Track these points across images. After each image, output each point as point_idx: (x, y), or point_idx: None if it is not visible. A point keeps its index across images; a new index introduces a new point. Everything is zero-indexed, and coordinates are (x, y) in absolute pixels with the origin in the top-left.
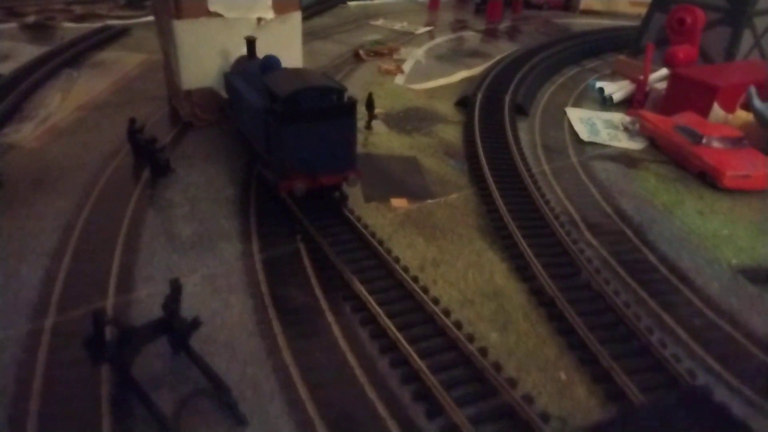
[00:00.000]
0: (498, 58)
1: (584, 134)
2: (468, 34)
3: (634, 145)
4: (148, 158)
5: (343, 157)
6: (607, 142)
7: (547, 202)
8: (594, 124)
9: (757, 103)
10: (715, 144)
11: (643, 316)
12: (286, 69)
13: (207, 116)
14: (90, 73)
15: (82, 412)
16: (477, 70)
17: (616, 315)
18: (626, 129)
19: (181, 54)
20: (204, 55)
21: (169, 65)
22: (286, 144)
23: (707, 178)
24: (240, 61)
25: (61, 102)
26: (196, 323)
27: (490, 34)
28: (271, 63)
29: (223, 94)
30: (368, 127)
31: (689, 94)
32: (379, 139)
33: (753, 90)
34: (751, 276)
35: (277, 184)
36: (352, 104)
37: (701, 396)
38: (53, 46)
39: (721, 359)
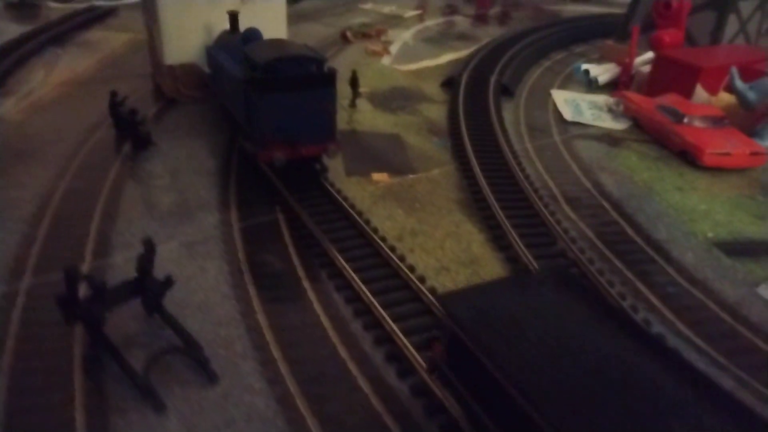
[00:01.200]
0: (486, 41)
1: (568, 114)
2: (458, 19)
3: (618, 125)
4: (129, 131)
5: (323, 127)
6: (591, 122)
7: (526, 177)
8: (578, 105)
9: (739, 83)
10: (697, 123)
11: (617, 284)
12: (266, 40)
13: (190, 92)
14: (75, 51)
15: (54, 369)
16: (464, 52)
17: (590, 282)
18: (610, 110)
19: (165, 29)
20: (187, 30)
21: (153, 42)
22: (265, 112)
23: (688, 157)
24: (223, 35)
25: (45, 78)
26: (168, 282)
27: (480, 19)
28: (252, 35)
29: (206, 69)
30: (352, 105)
31: (673, 76)
32: (363, 117)
33: (734, 71)
34: (726, 248)
35: (257, 154)
36: (331, 74)
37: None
38: (38, 25)
39: (690, 324)
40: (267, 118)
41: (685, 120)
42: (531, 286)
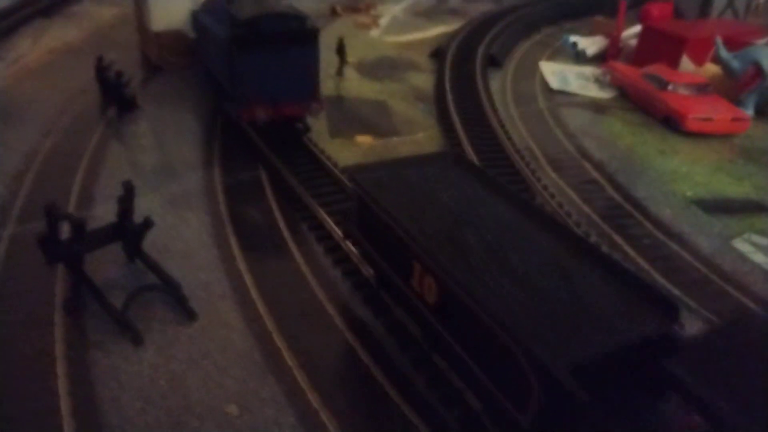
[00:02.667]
0: (476, 16)
1: (555, 84)
2: None
3: (604, 94)
4: (115, 94)
5: (305, 86)
6: (577, 91)
7: (509, 138)
8: (566, 76)
9: (724, 53)
10: (680, 90)
11: (593, 235)
12: None
13: (176, 59)
14: (63, 22)
15: (35, 306)
16: (454, 26)
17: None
18: (597, 80)
19: None
20: None
21: (139, 10)
22: (246, 70)
23: (671, 123)
24: (208, 1)
25: (33, 45)
26: (147, 224)
27: None
28: None
29: (192, 35)
30: (339, 73)
31: (659, 47)
32: (350, 85)
33: (719, 40)
34: (703, 205)
35: (239, 113)
36: (314, 30)
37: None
38: None
39: (664, 272)
40: (249, 75)
41: (669, 87)
42: (430, 163)
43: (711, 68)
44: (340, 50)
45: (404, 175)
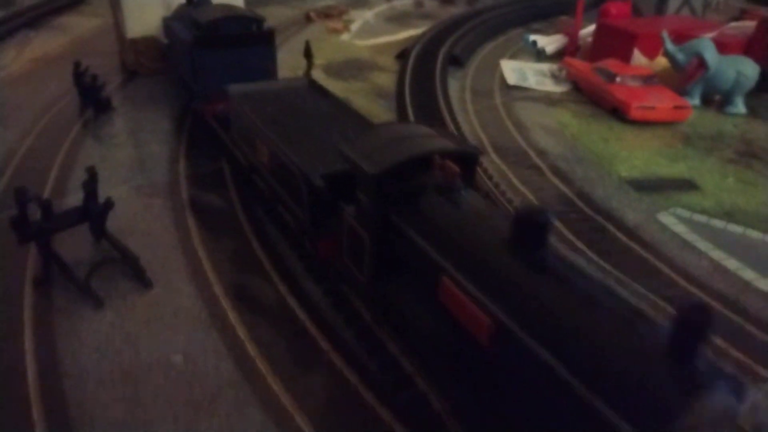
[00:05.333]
0: (445, 18)
1: (512, 80)
2: (427, 0)
3: (559, 89)
4: (91, 97)
5: None
6: (534, 87)
7: (458, 128)
8: (524, 73)
9: (669, 46)
10: (627, 82)
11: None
12: (213, 4)
13: (151, 64)
14: (47, 33)
15: (7, 281)
16: (423, 29)
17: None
18: (553, 76)
19: (125, 3)
20: (147, 4)
21: (116, 18)
22: (208, 68)
23: (618, 113)
24: (179, 8)
25: (17, 56)
26: (108, 204)
27: (447, 1)
28: (203, 2)
29: (164, 41)
30: (307, 74)
31: (613, 43)
32: None
33: (665, 34)
34: (635, 184)
35: (202, 109)
36: (270, 32)
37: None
38: (11, 10)
39: (587, 243)
40: (210, 73)
41: (617, 79)
42: (290, 84)
43: (661, 62)
44: (307, 53)
45: (267, 91)
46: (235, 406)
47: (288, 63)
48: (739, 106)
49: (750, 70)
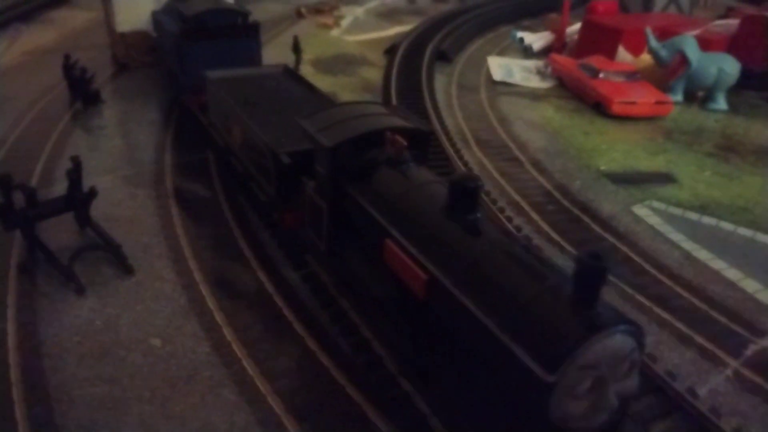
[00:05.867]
0: (435, 15)
1: (498, 75)
2: None
3: (544, 84)
4: (80, 89)
5: None
6: (519, 83)
7: (441, 121)
8: (510, 69)
9: (653, 42)
10: (611, 77)
11: (498, 199)
12: None
13: (140, 57)
14: (38, 27)
15: None
16: (413, 25)
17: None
18: (539, 72)
19: None
20: None
21: (107, 11)
22: (193, 60)
23: (601, 108)
24: (168, 2)
25: (8, 48)
26: (92, 192)
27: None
28: None
29: (154, 34)
30: (296, 68)
31: (598, 39)
32: None
33: (649, 31)
34: (613, 177)
35: (189, 100)
36: (255, 25)
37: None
38: (2, 4)
39: (561, 232)
40: (196, 64)
41: (601, 75)
42: (266, 70)
43: (646, 58)
44: (296, 47)
45: (243, 76)
46: (210, 387)
47: (277, 58)
48: (721, 103)
49: (730, 66)
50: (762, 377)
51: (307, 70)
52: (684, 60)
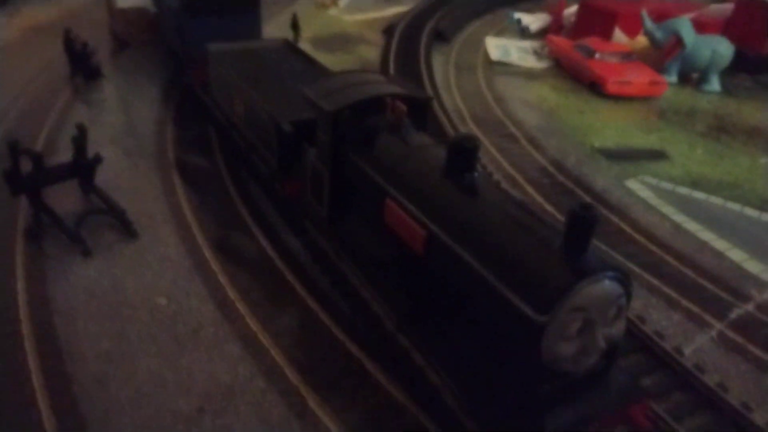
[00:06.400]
0: None
1: (495, 55)
2: None
3: (540, 65)
4: (81, 64)
5: None
6: (516, 63)
7: (439, 99)
8: (508, 49)
9: (648, 24)
10: (606, 58)
11: (494, 173)
12: None
13: (140, 34)
14: (38, 3)
15: (1, 230)
16: (411, 6)
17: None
18: (536, 53)
19: None
20: None
21: None
22: (195, 34)
23: (596, 88)
24: None
25: (8, 24)
26: (98, 158)
27: None
28: None
29: (153, 10)
30: None
31: (594, 21)
32: None
33: (644, 13)
34: (607, 153)
35: (190, 74)
36: None
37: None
38: None
39: (556, 205)
40: (197, 39)
41: (596, 55)
42: (269, 45)
43: (642, 40)
44: (294, 25)
45: (244, 50)
46: (215, 342)
47: (276, 36)
48: (714, 84)
49: (724, 49)
50: (744, 338)
51: (305, 48)
52: (679, 42)
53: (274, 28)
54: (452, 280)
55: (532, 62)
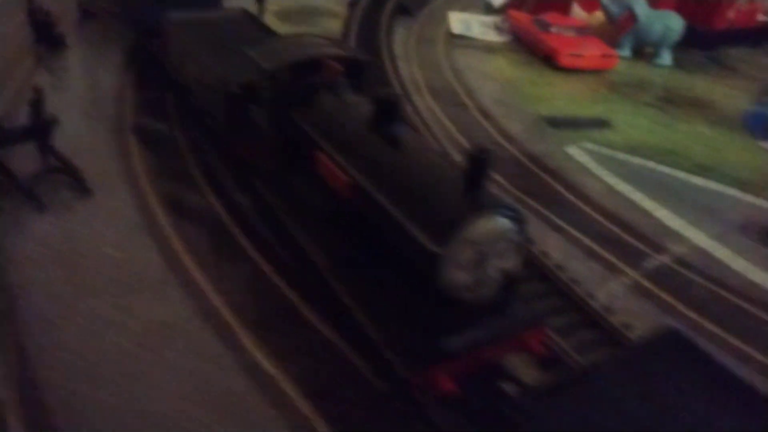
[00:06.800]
0: None
1: (457, 29)
2: None
3: (500, 39)
4: (45, 33)
5: None
6: (477, 37)
7: (396, 70)
8: (470, 24)
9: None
10: (561, 32)
11: (443, 140)
12: None
13: (106, 4)
14: None
15: None
16: None
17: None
18: (497, 27)
19: None
20: None
21: None
22: (156, 3)
23: (551, 61)
24: None
25: None
26: (54, 120)
27: None
28: None
29: None
30: None
31: None
32: None
33: None
34: (552, 122)
35: (150, 42)
36: None
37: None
38: None
39: (499, 168)
40: (158, 8)
41: (552, 29)
42: (227, 14)
43: (599, 16)
44: None
45: (202, 19)
46: (157, 287)
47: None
48: (666, 58)
49: (675, 24)
50: (655, 285)
51: (270, 20)
52: (632, 16)
53: (239, 2)
54: (373, 222)
55: (492, 36)
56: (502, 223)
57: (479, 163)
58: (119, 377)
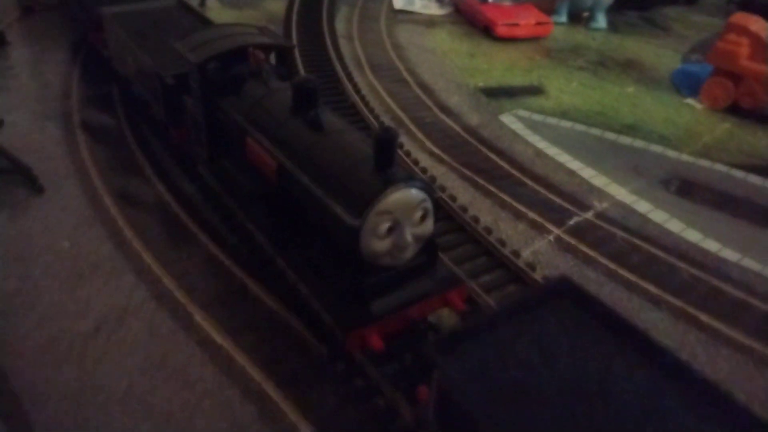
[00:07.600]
0: None
1: (399, 4)
2: None
3: (441, 12)
4: None
5: None
6: (419, 11)
7: (337, 49)
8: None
9: None
10: (499, 2)
11: (382, 115)
12: None
13: (47, 0)
14: None
15: None
16: None
17: (356, 111)
18: (438, 0)
19: None
20: None
21: None
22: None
23: (489, 31)
24: None
25: None
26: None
27: None
28: None
29: None
30: (202, 4)
31: None
32: (210, 14)
33: None
34: (487, 92)
35: (92, 36)
36: None
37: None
38: None
39: (434, 141)
40: (94, 2)
41: (490, 0)
42: (160, 5)
43: None
44: None
45: (137, 10)
46: (112, 275)
47: None
48: (601, 22)
49: None
50: (577, 240)
51: (213, 5)
52: None
53: None
54: (299, 201)
55: (434, 10)
56: (415, 194)
57: (386, 141)
58: (81, 359)
